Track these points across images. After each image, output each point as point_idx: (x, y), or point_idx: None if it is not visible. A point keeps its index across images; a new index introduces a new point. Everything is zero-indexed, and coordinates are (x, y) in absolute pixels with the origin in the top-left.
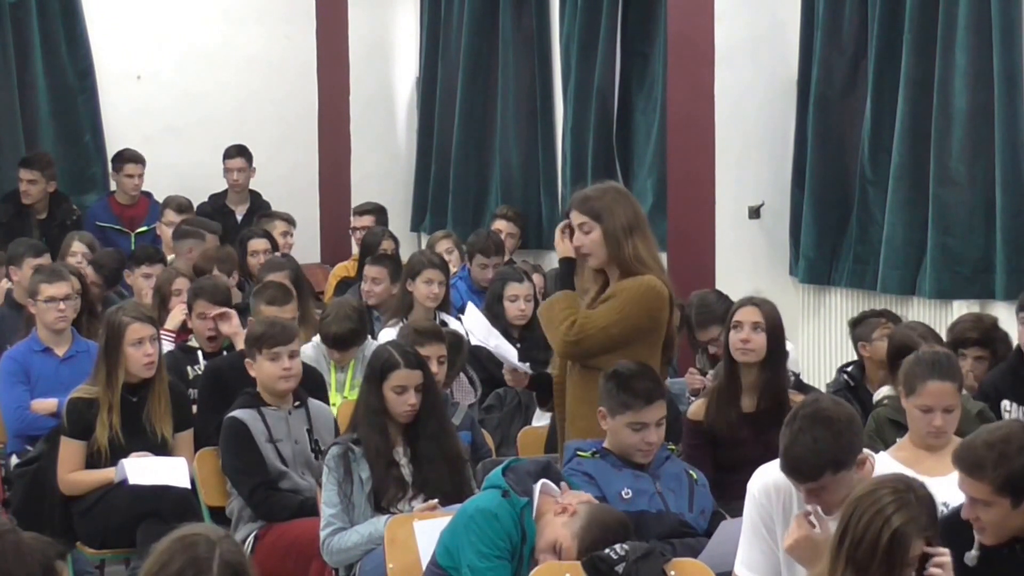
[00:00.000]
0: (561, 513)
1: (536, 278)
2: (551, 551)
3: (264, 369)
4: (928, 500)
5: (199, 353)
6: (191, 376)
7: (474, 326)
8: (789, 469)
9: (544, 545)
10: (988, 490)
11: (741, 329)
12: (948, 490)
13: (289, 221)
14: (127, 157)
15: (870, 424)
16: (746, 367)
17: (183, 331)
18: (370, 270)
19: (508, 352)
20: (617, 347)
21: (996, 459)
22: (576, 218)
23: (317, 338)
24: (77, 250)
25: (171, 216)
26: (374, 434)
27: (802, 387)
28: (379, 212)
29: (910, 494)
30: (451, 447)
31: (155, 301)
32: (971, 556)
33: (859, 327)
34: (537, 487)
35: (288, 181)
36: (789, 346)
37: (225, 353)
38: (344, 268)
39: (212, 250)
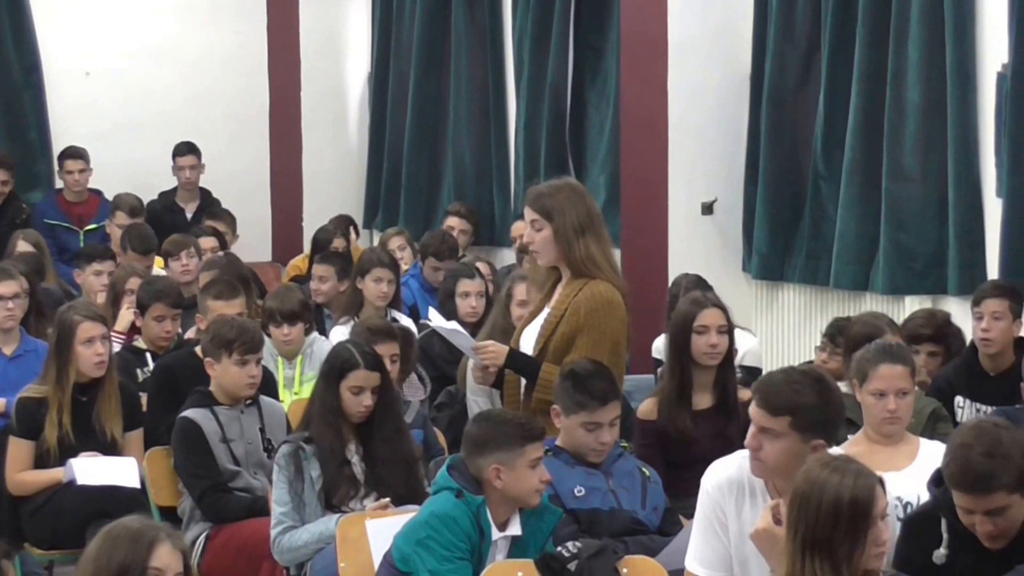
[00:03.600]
0: None
1: (482, 266)
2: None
3: (230, 373)
4: (853, 459)
5: (148, 355)
6: (140, 379)
7: (441, 325)
8: (757, 389)
9: None
10: (1004, 495)
11: (708, 334)
12: (902, 485)
13: (228, 220)
14: (68, 154)
15: None
16: (703, 368)
17: (132, 331)
18: (317, 268)
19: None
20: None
21: (1002, 465)
22: (528, 215)
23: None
24: (23, 249)
25: (122, 218)
26: (328, 432)
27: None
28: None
29: (836, 462)
30: (406, 449)
31: (108, 298)
32: (940, 554)
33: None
34: None
35: (239, 178)
36: (753, 341)
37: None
38: (296, 266)
39: (177, 236)
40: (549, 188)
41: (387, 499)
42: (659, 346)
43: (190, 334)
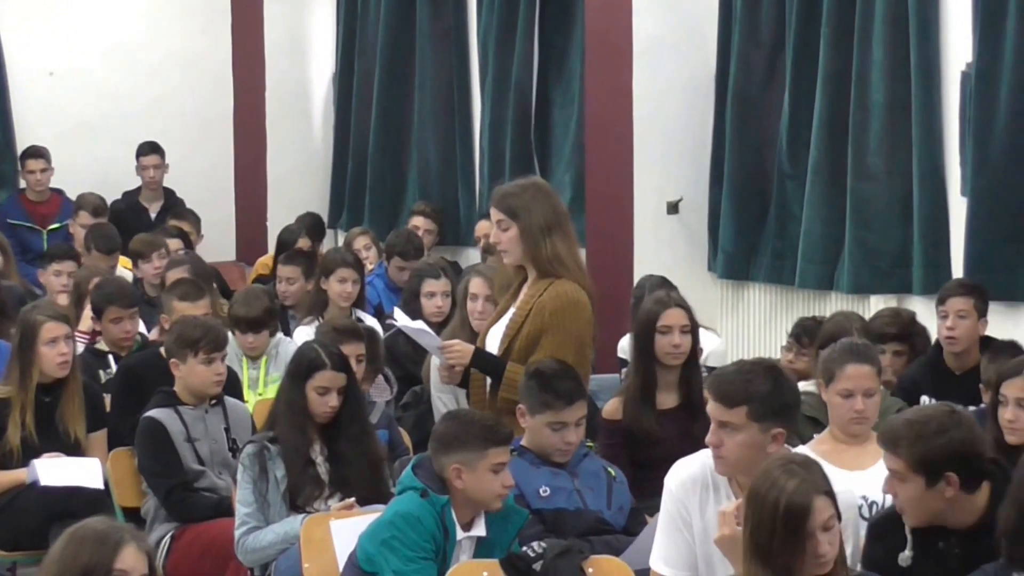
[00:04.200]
0: None
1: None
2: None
3: (197, 373)
4: (813, 464)
5: (110, 357)
6: (103, 380)
7: (407, 325)
8: (711, 385)
9: None
10: (904, 465)
11: (671, 334)
12: (868, 484)
13: (192, 220)
14: (29, 153)
15: None
16: (668, 367)
17: (95, 332)
18: (283, 270)
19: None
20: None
21: (913, 437)
22: (494, 215)
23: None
24: None
25: (85, 218)
26: (293, 431)
27: None
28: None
29: (793, 464)
30: (372, 450)
31: (72, 299)
32: (905, 556)
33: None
34: None
35: (204, 178)
36: (717, 341)
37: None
38: (264, 264)
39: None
40: (515, 188)
41: (352, 499)
42: (624, 346)
43: (154, 335)
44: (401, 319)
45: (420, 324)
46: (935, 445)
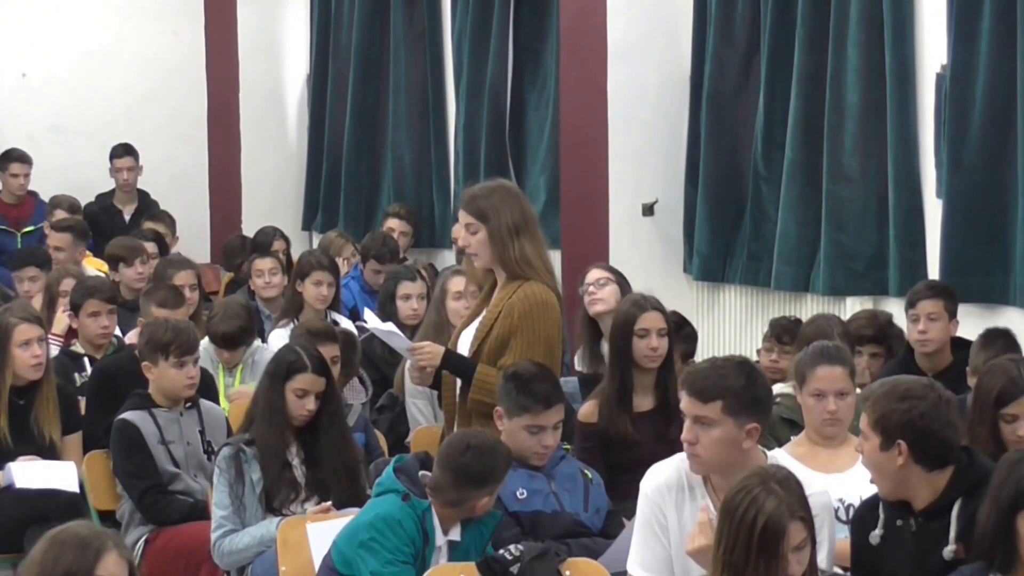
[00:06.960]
0: None
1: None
2: None
3: (168, 376)
4: (791, 481)
5: (85, 360)
6: (79, 383)
7: (376, 326)
8: (685, 381)
9: None
10: (866, 422)
11: (649, 336)
12: (844, 487)
13: (167, 222)
14: (13, 157)
15: None
16: (644, 370)
17: (69, 334)
18: (262, 263)
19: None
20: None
21: (879, 396)
22: (463, 218)
23: (205, 340)
24: None
25: (61, 215)
26: (270, 432)
27: None
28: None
29: (772, 482)
30: (350, 454)
31: (44, 300)
32: (875, 535)
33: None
34: None
35: (178, 180)
36: None
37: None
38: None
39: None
40: (483, 190)
41: (329, 503)
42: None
43: (131, 338)
44: (371, 321)
45: (390, 326)
46: (893, 409)
